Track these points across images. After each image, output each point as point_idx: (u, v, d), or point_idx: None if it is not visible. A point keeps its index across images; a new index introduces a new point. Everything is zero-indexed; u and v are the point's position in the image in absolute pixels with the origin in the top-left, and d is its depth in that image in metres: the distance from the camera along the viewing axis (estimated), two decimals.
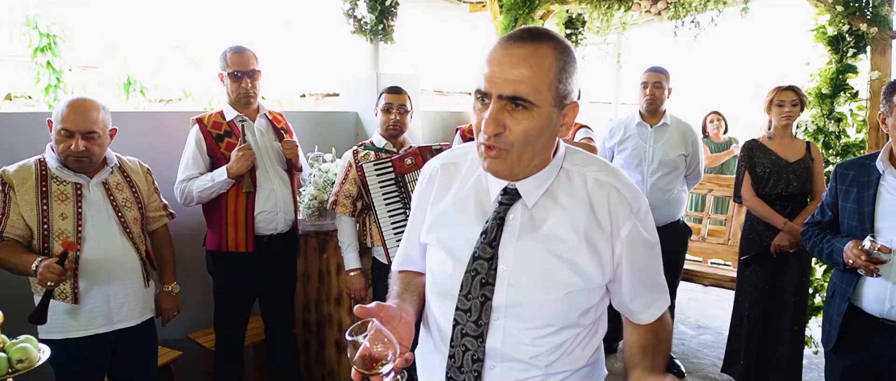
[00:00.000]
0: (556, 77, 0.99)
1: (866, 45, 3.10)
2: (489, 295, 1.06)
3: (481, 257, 1.06)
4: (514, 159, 1.01)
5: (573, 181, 1.09)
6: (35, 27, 5.72)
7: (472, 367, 1.08)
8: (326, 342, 3.05)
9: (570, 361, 1.11)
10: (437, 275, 1.15)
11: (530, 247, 1.06)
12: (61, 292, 1.97)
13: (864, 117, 3.17)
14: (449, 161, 1.20)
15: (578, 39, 5.31)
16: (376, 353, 0.89)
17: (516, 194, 1.08)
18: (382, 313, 0.99)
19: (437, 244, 1.15)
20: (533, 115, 0.98)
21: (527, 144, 1.00)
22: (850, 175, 1.99)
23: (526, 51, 0.97)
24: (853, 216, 1.94)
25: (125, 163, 2.21)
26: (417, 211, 1.24)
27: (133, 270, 2.12)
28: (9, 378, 1.24)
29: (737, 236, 4.17)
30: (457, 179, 1.17)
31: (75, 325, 2.01)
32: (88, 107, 1.97)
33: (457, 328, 1.09)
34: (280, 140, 2.64)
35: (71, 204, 1.98)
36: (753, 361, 2.94)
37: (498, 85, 0.97)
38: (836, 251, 1.93)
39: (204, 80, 6.87)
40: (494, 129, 0.97)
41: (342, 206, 2.61)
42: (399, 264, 1.32)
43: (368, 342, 0.90)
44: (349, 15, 3.81)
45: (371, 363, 0.89)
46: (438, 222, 1.15)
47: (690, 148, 3.25)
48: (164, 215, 2.35)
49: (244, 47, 2.53)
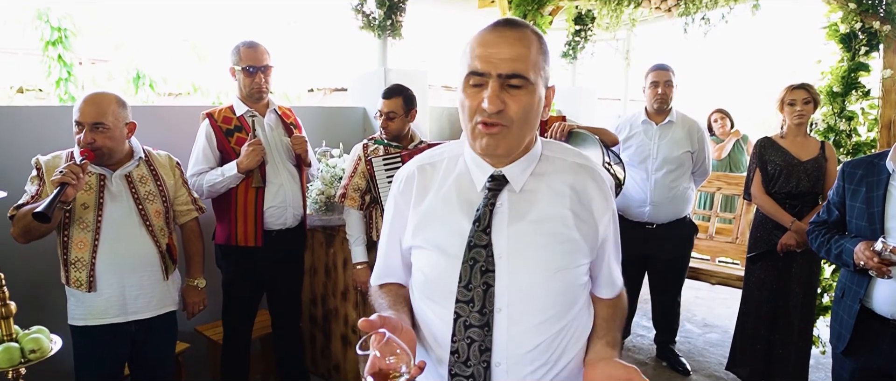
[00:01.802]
0: (542, 58, 1.05)
1: (879, 43, 3.07)
2: (491, 282, 1.06)
3: (477, 245, 1.07)
4: (514, 137, 1.05)
5: (555, 164, 1.14)
6: (46, 21, 5.77)
7: (480, 359, 1.07)
8: (332, 336, 3.07)
9: (570, 347, 1.13)
10: (429, 275, 1.14)
11: (523, 230, 1.08)
12: (76, 279, 2.01)
13: (875, 116, 3.14)
14: (425, 163, 1.21)
15: (587, 36, 5.30)
16: (389, 365, 0.88)
17: (503, 180, 1.10)
18: (387, 324, 0.98)
19: (425, 244, 1.14)
20: (529, 92, 1.03)
21: (525, 121, 1.04)
22: (858, 174, 1.96)
23: (516, 34, 1.03)
24: (862, 216, 1.91)
25: (153, 156, 2.24)
26: (396, 217, 1.22)
27: (151, 262, 2.14)
28: (22, 368, 1.26)
29: (745, 234, 4.15)
30: (435, 179, 1.17)
31: (93, 313, 2.04)
32: (99, 100, 2.01)
33: (458, 322, 1.08)
34: (289, 135, 2.66)
35: (93, 194, 2.02)
36: (760, 360, 2.93)
37: (496, 65, 1.01)
38: (846, 252, 1.90)
39: (212, 74, 6.91)
40: (497, 106, 1.00)
41: (351, 199, 2.62)
42: (379, 278, 1.29)
43: (379, 353, 0.89)
44: (358, 10, 3.81)
45: (384, 375, 0.88)
46: (423, 222, 1.15)
47: (697, 145, 3.23)
48: (194, 209, 2.35)
49: (257, 42, 2.53)
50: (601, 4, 4.20)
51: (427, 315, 1.15)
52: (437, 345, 1.12)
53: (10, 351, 1.22)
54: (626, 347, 3.69)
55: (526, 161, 1.11)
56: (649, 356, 3.58)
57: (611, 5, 4.17)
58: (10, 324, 1.24)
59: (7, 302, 1.23)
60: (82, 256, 2.01)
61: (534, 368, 1.09)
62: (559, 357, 1.11)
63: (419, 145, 2.62)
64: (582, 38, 5.30)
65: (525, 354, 1.08)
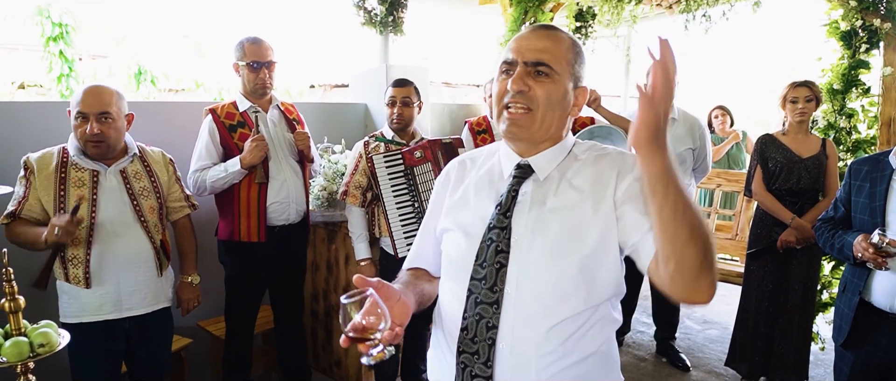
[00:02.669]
0: (572, 58, 1.13)
1: (879, 41, 3.07)
2: (504, 262, 1.09)
3: (496, 227, 1.11)
4: (537, 122, 1.11)
5: (580, 160, 1.17)
6: (48, 17, 5.77)
7: (486, 336, 1.09)
8: (334, 332, 3.09)
9: (583, 344, 1.11)
10: (452, 255, 1.19)
11: (542, 218, 1.11)
12: (75, 276, 2.01)
13: (875, 113, 3.15)
14: (466, 158, 1.31)
15: (588, 32, 5.30)
16: (369, 323, 0.91)
17: (529, 169, 1.15)
18: (382, 290, 0.99)
19: (454, 226, 1.20)
20: (553, 81, 1.10)
21: (549, 106, 1.10)
22: (863, 171, 2.00)
23: (549, 32, 1.14)
24: (865, 211, 1.94)
25: (147, 152, 2.22)
26: (434, 204, 1.29)
27: (146, 258, 2.13)
28: (30, 362, 1.27)
29: (744, 231, 4.16)
30: (472, 170, 1.26)
31: (87, 310, 2.04)
32: (102, 91, 2.02)
33: (470, 298, 1.11)
34: (292, 131, 2.66)
35: (87, 190, 2.01)
36: (759, 356, 2.95)
37: (523, 54, 1.11)
38: (847, 245, 1.94)
39: (213, 69, 6.91)
40: (520, 86, 1.09)
41: (352, 196, 2.63)
42: (411, 261, 1.34)
43: (360, 318, 0.91)
44: (359, 7, 3.82)
45: (362, 331, 0.91)
46: (455, 207, 1.22)
47: (698, 142, 3.23)
48: (187, 206, 2.35)
49: (260, 38, 2.54)
50: (602, 1, 4.20)
51: (446, 296, 1.20)
52: (452, 323, 1.15)
53: (19, 345, 1.23)
54: (625, 343, 3.71)
55: (553, 153, 1.16)
56: (649, 352, 3.60)
57: (612, 2, 4.17)
58: (19, 318, 1.26)
59: (16, 297, 1.24)
60: (78, 252, 2.00)
61: (540, 354, 1.08)
62: (571, 350, 1.09)
63: (419, 142, 2.63)
64: (583, 35, 5.30)
65: (531, 337, 1.08)
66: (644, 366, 3.41)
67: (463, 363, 1.12)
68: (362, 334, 0.91)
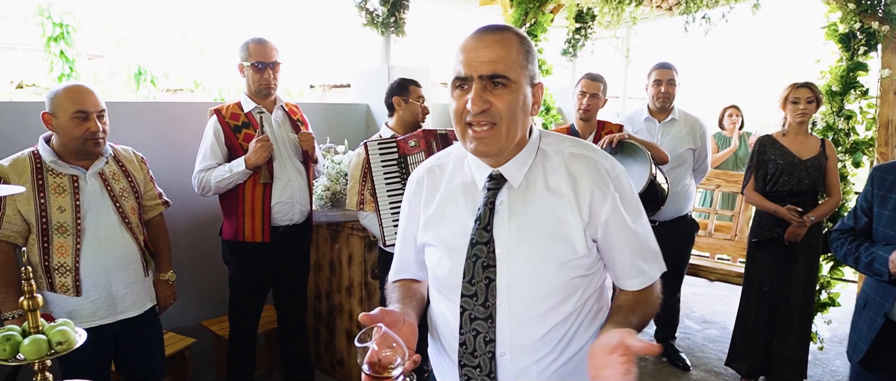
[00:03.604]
0: (524, 58, 1.08)
1: (877, 43, 3.10)
2: (492, 277, 1.11)
3: (479, 242, 1.12)
4: (503, 135, 1.08)
5: (551, 159, 1.15)
6: (48, 17, 5.76)
7: (485, 349, 1.12)
8: (337, 331, 3.10)
9: (577, 339, 1.16)
10: (438, 271, 1.20)
11: (522, 226, 1.12)
12: (63, 285, 1.96)
13: (873, 115, 3.18)
14: (433, 165, 1.28)
15: (588, 33, 5.33)
16: (385, 358, 0.92)
17: (501, 179, 1.14)
18: (387, 318, 1.02)
19: (434, 241, 1.20)
20: (512, 90, 1.06)
21: (512, 117, 1.07)
22: (889, 180, 1.80)
23: (495, 37, 1.07)
24: (891, 225, 1.76)
25: (119, 152, 2.17)
26: (410, 216, 1.29)
27: (134, 260, 2.11)
28: (48, 360, 1.28)
29: (744, 231, 4.20)
30: (443, 180, 1.24)
31: (79, 317, 1.97)
32: (92, 90, 1.99)
33: (465, 315, 1.13)
34: (296, 132, 2.68)
35: (68, 196, 1.95)
36: (759, 355, 2.97)
37: (476, 67, 1.05)
38: (879, 260, 1.74)
39: (213, 69, 6.91)
40: (481, 106, 1.05)
41: (369, 204, 2.59)
42: (395, 274, 1.35)
43: (376, 346, 0.92)
44: (361, 7, 3.84)
45: (380, 367, 0.92)
46: (432, 222, 1.21)
47: (699, 142, 3.26)
48: (160, 204, 2.32)
49: (265, 39, 2.55)
50: (602, 2, 4.22)
51: (440, 307, 1.22)
52: (450, 335, 1.18)
53: (38, 343, 1.24)
54: None
55: (522, 158, 1.14)
56: None
57: (612, 3, 4.19)
58: (37, 316, 1.27)
59: (34, 294, 1.25)
60: (65, 260, 1.95)
61: (539, 357, 1.13)
62: (565, 347, 1.15)
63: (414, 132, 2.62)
64: (582, 36, 5.33)
65: (529, 344, 1.12)
66: (644, 366, 3.44)
67: (466, 376, 1.16)
68: (380, 369, 0.92)
